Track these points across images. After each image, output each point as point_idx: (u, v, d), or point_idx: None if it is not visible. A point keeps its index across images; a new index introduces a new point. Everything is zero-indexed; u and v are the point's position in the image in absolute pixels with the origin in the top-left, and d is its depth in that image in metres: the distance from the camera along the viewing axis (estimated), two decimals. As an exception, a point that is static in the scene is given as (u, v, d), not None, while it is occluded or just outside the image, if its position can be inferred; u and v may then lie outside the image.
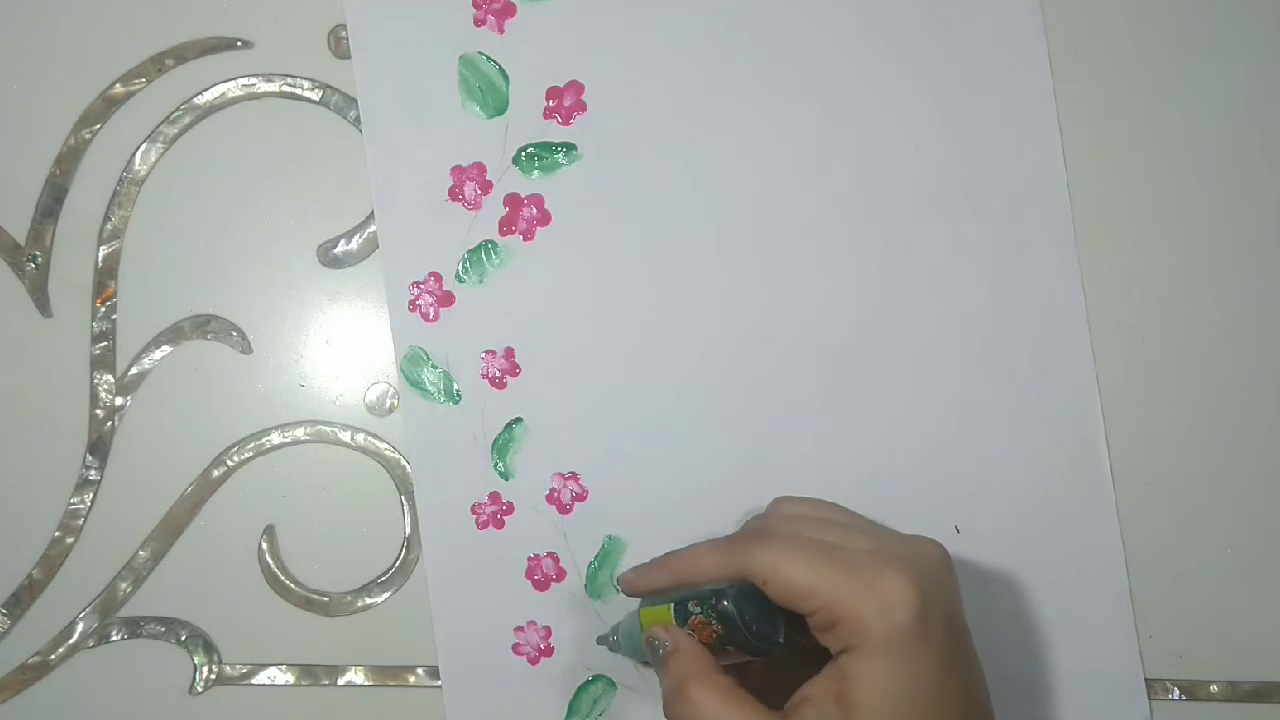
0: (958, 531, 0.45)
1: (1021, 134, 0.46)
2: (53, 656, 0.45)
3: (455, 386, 0.46)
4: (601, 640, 0.43)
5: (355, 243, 0.46)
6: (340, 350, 0.46)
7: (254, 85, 0.47)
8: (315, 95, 0.47)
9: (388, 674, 0.46)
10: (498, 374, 0.46)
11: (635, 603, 0.41)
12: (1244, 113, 0.47)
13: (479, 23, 0.47)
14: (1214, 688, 0.46)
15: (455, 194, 0.46)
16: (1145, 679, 0.45)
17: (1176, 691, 0.46)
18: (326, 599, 0.46)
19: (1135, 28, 0.47)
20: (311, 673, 0.46)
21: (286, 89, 0.47)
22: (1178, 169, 0.47)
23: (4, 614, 0.45)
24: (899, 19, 0.46)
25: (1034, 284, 0.46)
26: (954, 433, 0.46)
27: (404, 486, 0.46)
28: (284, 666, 0.46)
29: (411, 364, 0.46)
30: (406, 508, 0.46)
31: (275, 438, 0.46)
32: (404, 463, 0.46)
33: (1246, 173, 0.47)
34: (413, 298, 0.46)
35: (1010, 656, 0.45)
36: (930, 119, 0.46)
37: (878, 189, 0.46)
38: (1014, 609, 0.45)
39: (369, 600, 0.46)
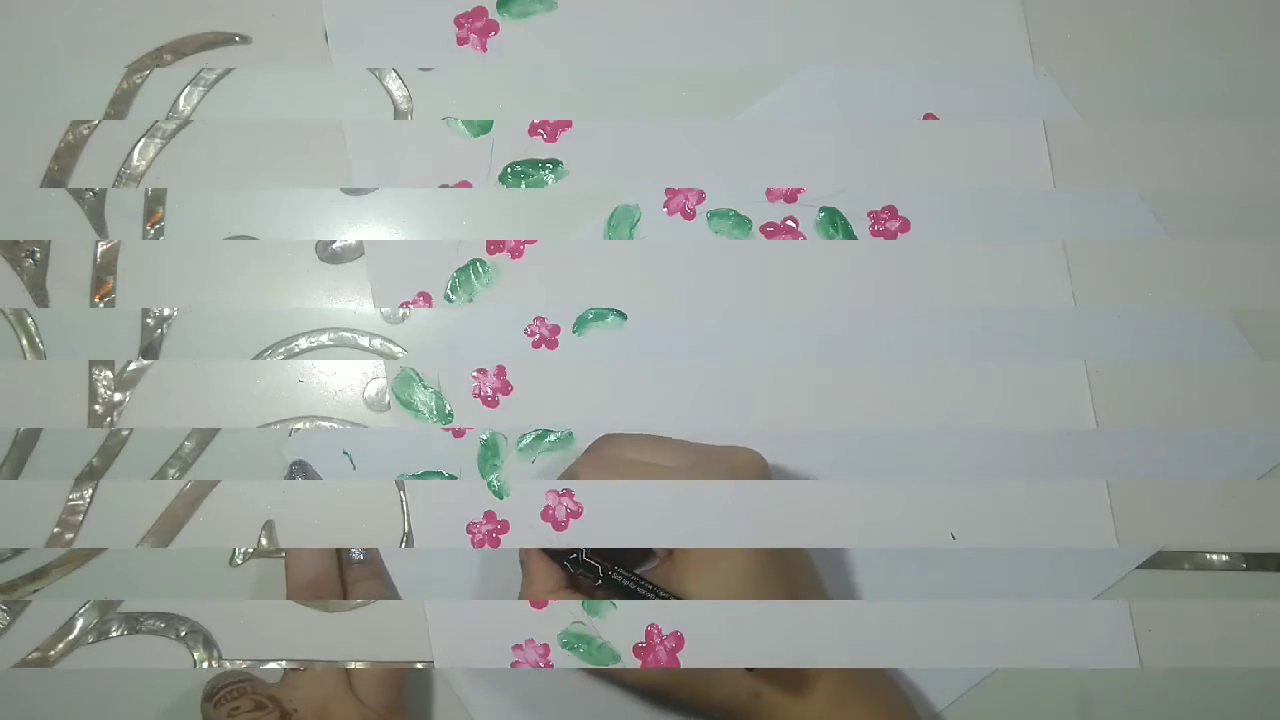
0: (953, 538, 0.45)
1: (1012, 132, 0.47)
2: (52, 652, 0.46)
3: (447, 407, 0.46)
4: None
5: (353, 238, 0.46)
6: (338, 346, 0.46)
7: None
8: (313, 91, 0.47)
9: (387, 669, 0.46)
10: (490, 392, 0.46)
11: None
12: (1245, 111, 0.47)
13: (461, 41, 0.46)
14: (1210, 683, 0.46)
15: None
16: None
17: (1172, 687, 0.46)
18: (325, 595, 0.46)
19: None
20: (311, 668, 0.46)
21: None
22: (1165, 168, 0.47)
23: (4, 610, 0.46)
24: (884, 29, 0.47)
25: (1028, 284, 0.46)
26: (951, 433, 0.46)
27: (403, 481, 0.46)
28: (284, 662, 0.46)
29: (403, 385, 0.46)
30: (406, 502, 0.46)
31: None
32: (403, 460, 0.46)
33: (1219, 186, 0.47)
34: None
35: (1007, 652, 0.45)
36: (927, 119, 0.46)
37: (869, 192, 0.46)
38: (1012, 606, 0.45)
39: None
